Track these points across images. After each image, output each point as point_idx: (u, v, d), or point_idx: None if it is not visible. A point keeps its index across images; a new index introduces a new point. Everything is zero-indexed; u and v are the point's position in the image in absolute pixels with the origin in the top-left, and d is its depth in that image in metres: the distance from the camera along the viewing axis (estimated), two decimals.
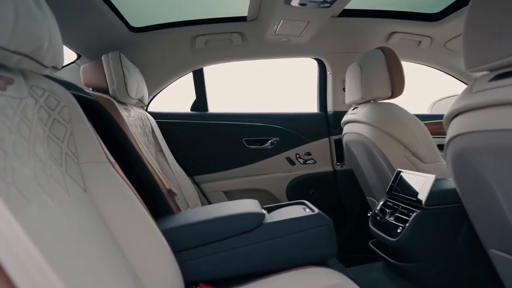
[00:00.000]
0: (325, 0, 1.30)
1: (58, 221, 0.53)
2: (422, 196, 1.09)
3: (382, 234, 1.20)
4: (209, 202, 1.89)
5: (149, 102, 1.92)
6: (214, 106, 2.00)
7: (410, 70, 2.04)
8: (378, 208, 1.30)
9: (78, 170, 0.64)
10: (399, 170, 1.29)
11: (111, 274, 0.59)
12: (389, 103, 1.51)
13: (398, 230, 1.11)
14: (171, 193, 1.23)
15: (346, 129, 1.73)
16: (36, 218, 0.49)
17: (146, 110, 1.85)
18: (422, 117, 1.60)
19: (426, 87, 2.59)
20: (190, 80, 1.97)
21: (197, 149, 1.91)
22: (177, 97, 2.05)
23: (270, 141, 1.97)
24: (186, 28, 1.69)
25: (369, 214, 1.36)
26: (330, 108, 2.04)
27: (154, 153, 1.47)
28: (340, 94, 1.99)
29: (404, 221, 1.12)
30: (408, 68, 2.02)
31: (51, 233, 0.50)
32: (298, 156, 1.99)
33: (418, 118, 1.44)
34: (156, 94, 1.94)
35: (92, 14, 1.30)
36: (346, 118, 1.73)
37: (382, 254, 1.26)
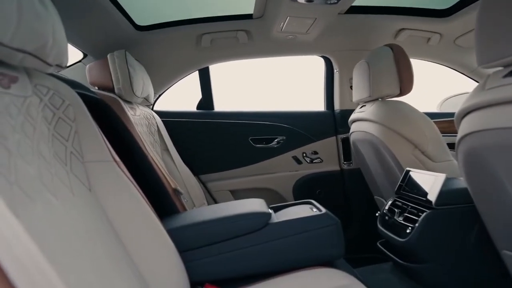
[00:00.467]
0: None
1: (62, 220, 0.52)
2: (432, 195, 1.07)
3: (391, 234, 1.18)
4: (215, 201, 1.88)
5: (155, 101, 1.92)
6: (220, 105, 2.00)
7: (419, 67, 2.01)
8: (387, 208, 1.28)
9: (82, 169, 0.64)
10: (408, 169, 1.27)
11: (116, 273, 0.59)
12: (397, 101, 1.48)
13: (408, 230, 1.09)
14: (177, 192, 1.23)
15: (353, 127, 1.71)
16: (40, 217, 0.48)
17: (152, 109, 1.86)
18: (431, 115, 1.57)
19: (435, 85, 2.55)
20: (196, 78, 1.97)
21: (203, 148, 1.90)
22: (183, 95, 2.05)
23: (276, 139, 1.96)
24: (191, 26, 1.69)
25: (377, 213, 1.34)
26: (337, 106, 2.02)
27: (160, 152, 1.47)
28: (347, 92, 1.96)
29: (413, 221, 1.10)
30: (416, 65, 1.99)
31: (55, 232, 0.50)
32: (304, 155, 1.98)
33: (427, 116, 1.42)
34: (162, 93, 1.93)
35: (97, 13, 1.30)
36: (353, 116, 1.71)
37: (391, 255, 1.24)
